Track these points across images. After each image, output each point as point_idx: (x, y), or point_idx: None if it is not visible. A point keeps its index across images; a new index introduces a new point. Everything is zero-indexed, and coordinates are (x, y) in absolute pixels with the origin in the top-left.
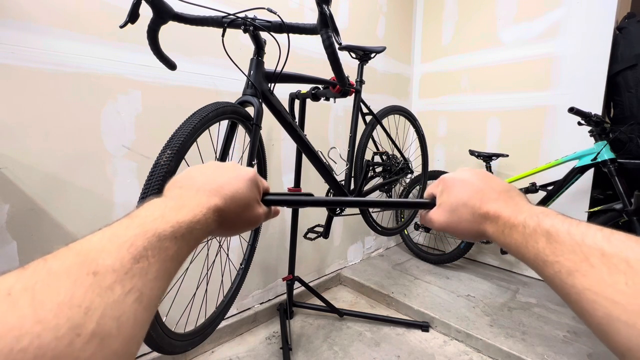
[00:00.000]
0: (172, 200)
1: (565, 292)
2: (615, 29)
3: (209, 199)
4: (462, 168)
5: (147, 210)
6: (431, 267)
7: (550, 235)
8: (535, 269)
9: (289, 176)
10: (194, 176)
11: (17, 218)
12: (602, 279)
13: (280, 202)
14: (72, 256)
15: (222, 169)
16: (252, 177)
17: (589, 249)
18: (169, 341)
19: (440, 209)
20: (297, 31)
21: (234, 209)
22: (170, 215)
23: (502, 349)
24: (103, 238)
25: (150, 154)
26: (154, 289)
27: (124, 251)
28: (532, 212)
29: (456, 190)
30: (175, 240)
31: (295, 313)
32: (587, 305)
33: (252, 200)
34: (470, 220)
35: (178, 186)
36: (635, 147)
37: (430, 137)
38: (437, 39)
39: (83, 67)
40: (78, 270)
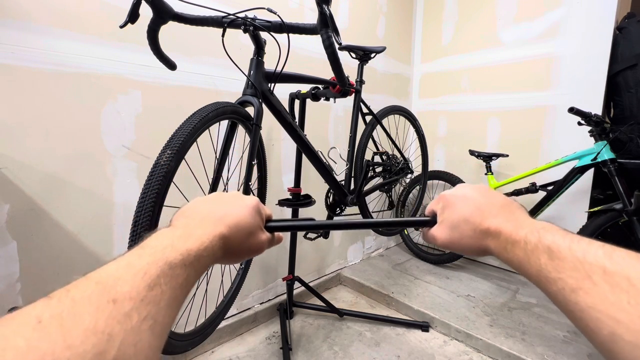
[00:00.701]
0: (179, 229)
1: (569, 309)
2: (615, 29)
3: (214, 227)
4: (462, 184)
5: (157, 240)
6: (431, 267)
7: (552, 251)
8: (538, 285)
9: (289, 176)
10: (198, 206)
11: (17, 218)
12: (605, 297)
13: (283, 228)
14: (92, 285)
15: (225, 198)
16: (255, 205)
17: (591, 266)
18: (169, 341)
19: (442, 226)
20: (297, 31)
21: (239, 237)
22: (179, 244)
23: (502, 349)
24: (119, 267)
25: (150, 154)
26: (165, 317)
27: (139, 279)
28: (533, 228)
29: (457, 206)
30: (184, 268)
31: (295, 313)
32: (591, 324)
33: (255, 227)
34: (472, 236)
35: (184, 216)
36: (635, 147)
37: (430, 137)
38: (437, 39)
39: (83, 67)
40: (99, 299)
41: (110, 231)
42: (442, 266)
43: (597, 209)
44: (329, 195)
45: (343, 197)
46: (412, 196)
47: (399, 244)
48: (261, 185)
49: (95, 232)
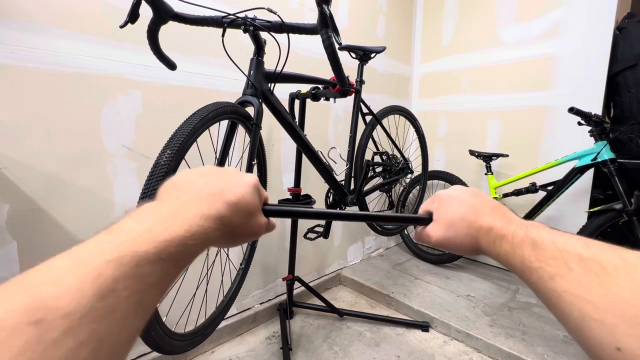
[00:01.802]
0: (166, 206)
1: (547, 296)
2: (615, 29)
3: (210, 205)
4: (455, 186)
5: (133, 222)
6: (431, 267)
7: (536, 243)
8: (521, 276)
9: (289, 176)
10: (193, 178)
11: (17, 218)
12: (579, 281)
13: (280, 212)
14: (18, 295)
15: (223, 173)
16: (255, 183)
17: (569, 254)
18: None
19: (437, 224)
20: (297, 31)
21: (239, 217)
22: (159, 230)
23: (502, 349)
24: (62, 268)
25: (150, 154)
26: (120, 332)
27: (88, 285)
28: (522, 224)
29: (453, 206)
30: (159, 263)
31: (295, 313)
32: (565, 307)
33: (256, 208)
34: (466, 234)
35: (175, 189)
36: (635, 147)
37: (430, 137)
38: (437, 39)
39: (83, 67)
40: (18, 318)
41: None
42: (442, 266)
43: (597, 209)
44: (329, 195)
45: (343, 197)
46: (412, 196)
47: (399, 244)
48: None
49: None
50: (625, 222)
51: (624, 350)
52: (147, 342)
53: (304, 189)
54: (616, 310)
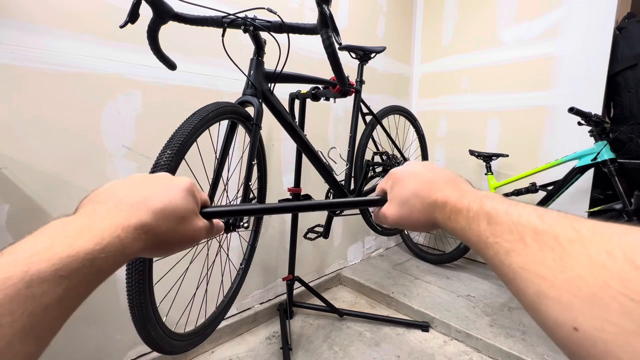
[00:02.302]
0: (76, 221)
1: (504, 272)
2: (615, 29)
3: (129, 214)
4: (410, 161)
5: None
6: (431, 267)
7: (491, 216)
8: (478, 251)
9: (289, 176)
10: (115, 188)
11: (17, 218)
12: (534, 257)
13: (220, 213)
14: None
15: (151, 180)
16: (187, 186)
17: (524, 227)
18: (169, 341)
19: (392, 203)
20: (297, 31)
21: (166, 224)
22: (60, 246)
23: (502, 349)
24: None
25: (150, 154)
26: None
27: None
28: (476, 196)
29: (406, 182)
30: (58, 281)
31: (295, 313)
32: (521, 284)
33: (188, 212)
34: (420, 209)
35: (93, 201)
36: (635, 147)
37: (430, 137)
38: (437, 39)
39: (83, 67)
40: None
41: None
42: (442, 266)
43: (597, 209)
44: (329, 196)
45: (343, 197)
46: None
47: (399, 244)
48: (261, 185)
49: None
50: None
51: (581, 330)
52: (147, 342)
53: (304, 189)
54: (572, 288)
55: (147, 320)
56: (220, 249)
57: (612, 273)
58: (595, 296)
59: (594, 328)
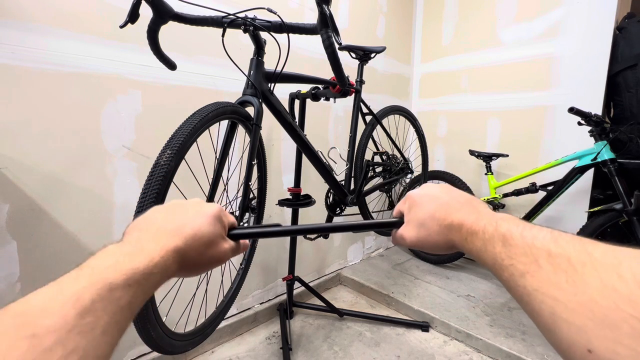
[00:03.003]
0: (128, 245)
1: (519, 293)
2: (615, 29)
3: (168, 240)
4: (426, 184)
5: (99, 260)
6: (431, 267)
7: (506, 239)
8: (494, 273)
9: (289, 176)
10: (154, 217)
11: (17, 218)
12: (548, 279)
13: (247, 235)
14: (8, 319)
15: (183, 207)
16: (214, 213)
17: (538, 250)
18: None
19: (409, 225)
20: (297, 31)
21: (196, 248)
22: (124, 263)
23: (502, 349)
24: (46, 295)
25: (150, 154)
26: (101, 345)
27: (69, 307)
28: (492, 218)
29: (423, 205)
30: (128, 289)
31: (295, 313)
32: (536, 306)
33: (215, 237)
34: (438, 232)
35: (137, 229)
36: (635, 147)
37: (430, 137)
38: (437, 39)
39: (83, 67)
40: (14, 335)
41: (110, 231)
42: (442, 266)
43: (597, 209)
44: (329, 195)
45: (343, 197)
46: None
47: None
48: (261, 185)
49: (95, 232)
50: (625, 222)
51: (595, 353)
52: (147, 342)
53: (304, 189)
54: (585, 310)
55: (147, 320)
56: None
57: (622, 296)
58: (607, 318)
59: (607, 350)
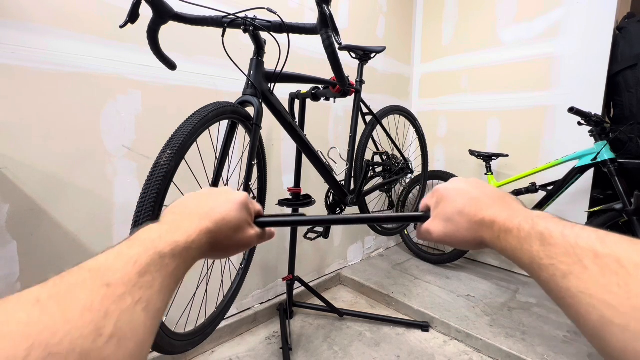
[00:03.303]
0: (167, 224)
1: (561, 296)
2: (615, 29)
3: (200, 222)
4: (455, 178)
5: (145, 234)
6: (431, 267)
7: (545, 237)
8: (531, 273)
9: (289, 176)
10: (186, 203)
11: (17, 218)
12: (596, 281)
13: (272, 223)
14: (85, 272)
15: (213, 194)
16: (242, 200)
17: (582, 250)
18: (169, 341)
19: (436, 219)
20: (297, 31)
21: (225, 231)
22: (167, 237)
23: (502, 349)
24: (109, 257)
25: (150, 154)
26: (158, 301)
27: (130, 267)
28: (528, 216)
29: (452, 199)
30: (174, 258)
31: (295, 313)
32: (582, 309)
33: (242, 222)
34: (467, 228)
35: (172, 212)
36: (635, 147)
37: (430, 137)
38: (437, 39)
39: (83, 67)
40: (93, 283)
41: (110, 231)
42: (442, 266)
43: (597, 209)
44: (329, 195)
45: (343, 197)
46: (412, 196)
47: (399, 244)
48: (261, 185)
49: (95, 232)
50: (625, 222)
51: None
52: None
53: (304, 189)
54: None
55: None
56: None
57: None
58: None
59: None
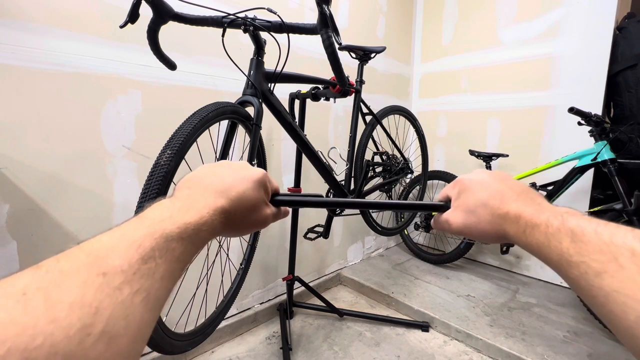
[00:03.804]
0: (180, 201)
1: (592, 294)
2: (615, 29)
3: (215, 199)
4: (478, 170)
5: (156, 211)
6: (431, 267)
7: (575, 234)
8: (559, 270)
9: (289, 176)
10: (202, 176)
11: (17, 218)
12: (634, 280)
13: (289, 202)
14: (83, 256)
15: (231, 169)
16: (260, 178)
17: (618, 248)
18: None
19: (457, 210)
20: (297, 31)
21: (240, 211)
22: (177, 217)
23: (502, 349)
24: (112, 238)
25: (150, 154)
26: (160, 290)
27: (133, 251)
28: (556, 212)
29: (474, 191)
30: (182, 241)
31: (295, 313)
32: (616, 308)
33: (259, 201)
34: (489, 221)
35: (187, 186)
36: (635, 147)
37: (430, 137)
38: (437, 39)
39: (83, 67)
40: (88, 271)
41: None
42: (442, 266)
43: (597, 209)
44: (329, 195)
45: (343, 197)
46: (412, 196)
47: (399, 243)
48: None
49: (95, 232)
50: (625, 222)
51: None
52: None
53: (304, 189)
54: None
55: None
56: (220, 249)
57: None
58: None
59: None
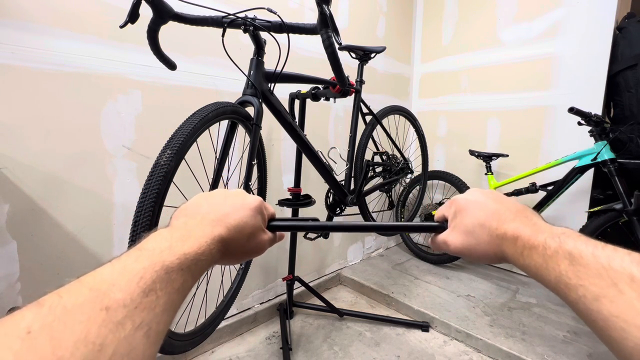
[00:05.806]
0: (178, 230)
1: (591, 318)
2: (615, 29)
3: (213, 228)
4: (473, 189)
5: (155, 242)
6: (431, 267)
7: (574, 257)
8: (557, 292)
9: (289, 176)
10: (199, 204)
11: (17, 218)
12: (632, 306)
13: (285, 227)
14: (85, 291)
15: (228, 197)
16: (257, 205)
17: (617, 273)
18: (169, 341)
19: (455, 231)
20: (297, 31)
21: (238, 239)
22: (176, 247)
23: (502, 349)
24: (113, 271)
25: (150, 154)
26: (160, 323)
27: (134, 285)
28: (553, 233)
29: (471, 211)
30: (181, 272)
31: (295, 313)
32: (615, 334)
33: (256, 229)
34: (488, 241)
35: (184, 214)
36: (635, 147)
37: (430, 137)
38: (437, 39)
39: (83, 67)
40: (91, 307)
41: (110, 231)
42: (442, 266)
43: (597, 209)
44: (329, 195)
45: (343, 197)
46: (412, 196)
47: (399, 244)
48: (261, 185)
49: (95, 232)
50: (625, 222)
51: None
52: None
53: (304, 189)
54: None
55: None
56: None
57: None
58: None
59: None
